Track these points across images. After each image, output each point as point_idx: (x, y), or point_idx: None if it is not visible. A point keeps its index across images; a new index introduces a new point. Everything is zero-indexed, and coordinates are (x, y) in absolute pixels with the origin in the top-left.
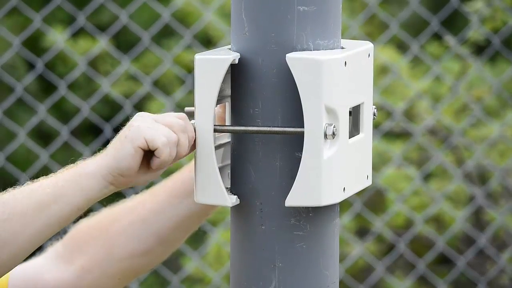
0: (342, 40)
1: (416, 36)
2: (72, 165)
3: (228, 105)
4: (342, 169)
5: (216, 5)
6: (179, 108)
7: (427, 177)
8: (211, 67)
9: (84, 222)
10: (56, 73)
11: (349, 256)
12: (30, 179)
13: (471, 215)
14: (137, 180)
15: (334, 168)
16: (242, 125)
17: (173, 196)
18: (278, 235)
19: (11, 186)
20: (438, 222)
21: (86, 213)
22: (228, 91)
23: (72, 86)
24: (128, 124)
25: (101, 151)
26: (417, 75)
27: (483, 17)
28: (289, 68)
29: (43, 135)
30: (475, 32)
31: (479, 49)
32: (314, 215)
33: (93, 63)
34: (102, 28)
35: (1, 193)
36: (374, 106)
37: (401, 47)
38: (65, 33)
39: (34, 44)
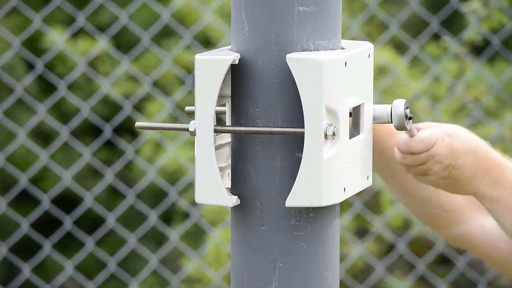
0: (342, 40)
1: (415, 37)
2: None
3: (228, 105)
4: (343, 169)
5: (215, 5)
6: (179, 108)
7: None
8: (212, 68)
9: None
10: (56, 74)
11: (349, 256)
12: (30, 179)
13: None
14: None
15: (334, 169)
16: (242, 126)
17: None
18: (279, 235)
19: (11, 186)
20: None
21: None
22: (228, 91)
23: (72, 87)
24: None
25: None
26: (416, 75)
27: (481, 18)
28: (289, 69)
29: (43, 136)
30: (474, 32)
31: (479, 49)
32: (314, 215)
33: (93, 64)
34: (102, 29)
35: None
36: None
37: (400, 48)
38: (65, 34)
39: (34, 44)
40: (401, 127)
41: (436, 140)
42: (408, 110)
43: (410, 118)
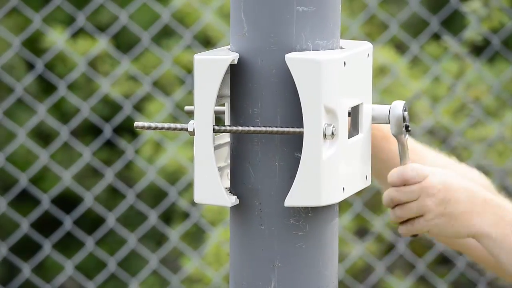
0: (341, 40)
1: (415, 37)
2: None
3: (227, 105)
4: (342, 169)
5: (215, 5)
6: (179, 108)
7: None
8: (211, 67)
9: None
10: (55, 73)
11: (349, 256)
12: (30, 179)
13: None
14: None
15: (333, 168)
16: (242, 125)
17: None
18: (278, 235)
19: (11, 186)
20: None
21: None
22: (227, 91)
23: (72, 87)
24: None
25: None
26: (416, 75)
27: (481, 17)
28: (288, 69)
29: (43, 135)
30: (474, 32)
31: (479, 49)
32: (313, 215)
33: (93, 64)
34: (102, 29)
35: None
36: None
37: (400, 48)
38: (65, 34)
39: (34, 44)
40: (398, 129)
41: (429, 173)
42: (406, 113)
43: (407, 129)
